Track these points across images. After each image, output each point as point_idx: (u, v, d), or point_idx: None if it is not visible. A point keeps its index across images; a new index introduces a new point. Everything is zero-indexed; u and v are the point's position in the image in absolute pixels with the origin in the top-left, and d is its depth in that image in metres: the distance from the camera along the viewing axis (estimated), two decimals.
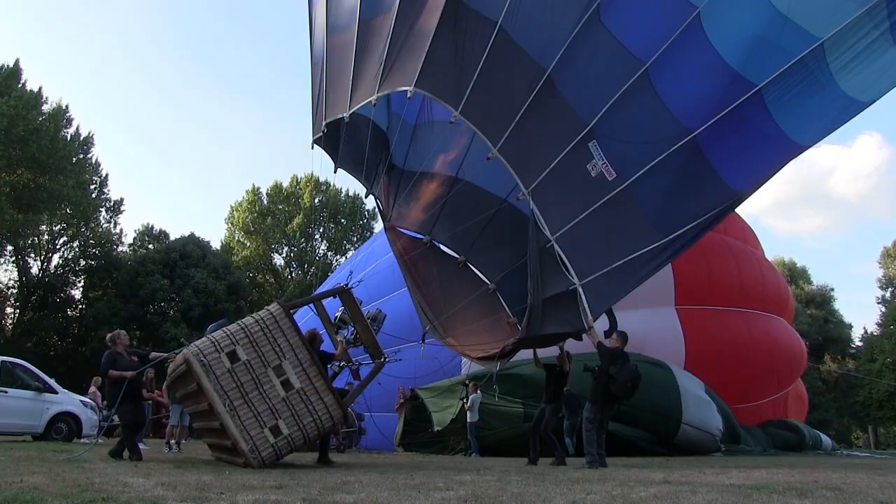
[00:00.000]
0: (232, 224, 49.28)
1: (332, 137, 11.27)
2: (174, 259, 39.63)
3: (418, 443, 16.49)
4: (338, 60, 10.98)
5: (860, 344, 48.16)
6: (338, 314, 10.59)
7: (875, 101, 9.52)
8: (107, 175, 41.93)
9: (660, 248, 9.52)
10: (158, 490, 4.98)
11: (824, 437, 22.41)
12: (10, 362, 17.40)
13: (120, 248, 43.96)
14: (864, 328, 62.29)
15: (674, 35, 8.96)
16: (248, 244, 48.44)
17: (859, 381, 41.60)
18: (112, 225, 43.17)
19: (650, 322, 16.91)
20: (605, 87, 9.22)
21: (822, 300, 51.22)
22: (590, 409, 10.06)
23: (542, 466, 10.07)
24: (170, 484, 5.37)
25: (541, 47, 9.21)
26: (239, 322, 8.39)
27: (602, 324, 10.25)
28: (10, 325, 40.37)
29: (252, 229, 48.33)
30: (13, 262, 39.88)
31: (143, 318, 37.31)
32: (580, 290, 9.41)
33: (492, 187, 11.94)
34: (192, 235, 42.68)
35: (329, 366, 9.83)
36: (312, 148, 11.45)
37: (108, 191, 42.32)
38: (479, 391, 15.20)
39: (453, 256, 12.95)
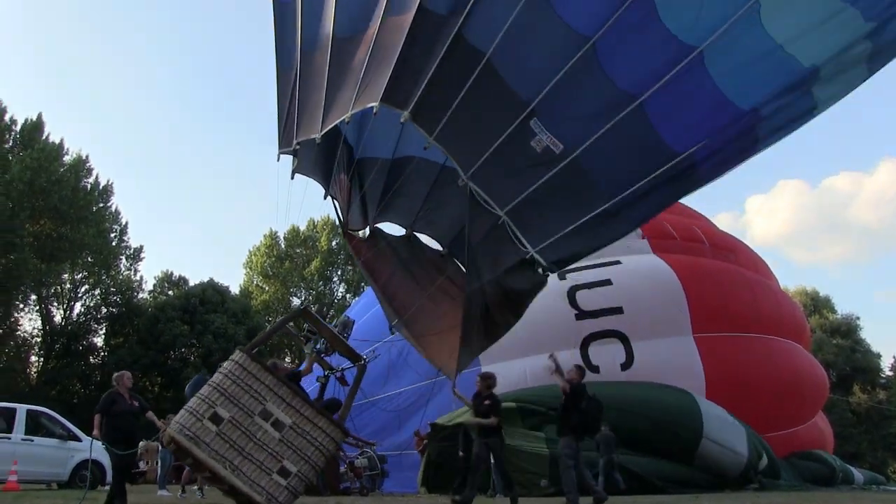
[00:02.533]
0: (250, 269, 49.60)
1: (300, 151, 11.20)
2: (194, 305, 39.87)
3: (442, 481, 16.34)
4: (310, 77, 10.73)
5: (891, 374, 47.22)
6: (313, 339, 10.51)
7: (818, 65, 9.45)
8: (126, 223, 42.52)
9: (610, 211, 9.41)
10: None
11: (855, 471, 21.86)
12: (35, 411, 17.55)
13: (140, 295, 44.33)
14: (894, 357, 61.28)
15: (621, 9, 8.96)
16: (267, 288, 48.68)
17: (892, 412, 40.67)
18: (132, 272, 43.67)
19: (667, 351, 16.79)
20: (547, 65, 9.19)
21: (847, 329, 50.21)
22: (567, 445, 10.35)
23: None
24: None
25: (482, 34, 9.14)
26: (209, 383, 8.19)
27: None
28: (35, 373, 40.65)
29: (270, 273, 48.61)
30: (37, 310, 40.30)
31: (165, 364, 37.45)
32: (536, 256, 9.33)
33: (434, 156, 11.88)
34: (210, 281, 43.00)
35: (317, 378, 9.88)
36: (278, 159, 11.07)
37: (128, 238, 42.86)
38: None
39: (406, 247, 12.49)
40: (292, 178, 10.97)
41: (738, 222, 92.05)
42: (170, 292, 45.46)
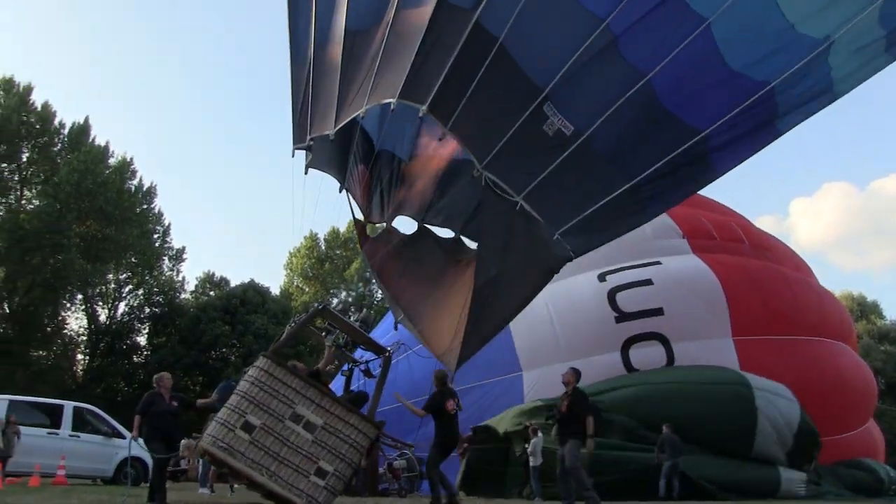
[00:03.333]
0: (291, 270, 50.02)
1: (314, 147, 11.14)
2: (235, 305, 40.33)
3: (480, 485, 16.31)
4: (324, 71, 10.68)
5: None
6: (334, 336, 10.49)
7: (828, 41, 9.24)
8: (169, 224, 43.18)
9: (629, 191, 9.31)
10: None
11: None
12: (81, 408, 17.92)
13: (182, 296, 44.95)
14: None
15: None
16: (307, 290, 49.06)
17: None
18: (175, 273, 44.31)
19: (707, 354, 16.56)
20: (560, 47, 9.04)
21: None
22: (576, 448, 10.29)
23: None
24: None
25: (496, 18, 9.03)
26: (237, 391, 8.22)
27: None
28: (81, 371, 41.51)
29: (310, 275, 48.98)
30: (83, 310, 41.15)
31: (206, 364, 37.95)
32: (559, 238, 9.22)
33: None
34: (251, 282, 43.46)
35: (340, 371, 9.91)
36: (293, 155, 11.03)
37: (171, 240, 43.49)
38: (540, 434, 15.00)
39: (415, 243, 12.28)
40: (306, 172, 10.87)
41: (781, 226, 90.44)
42: (211, 293, 46.05)
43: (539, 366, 16.50)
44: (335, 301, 48.76)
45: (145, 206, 40.72)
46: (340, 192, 11.57)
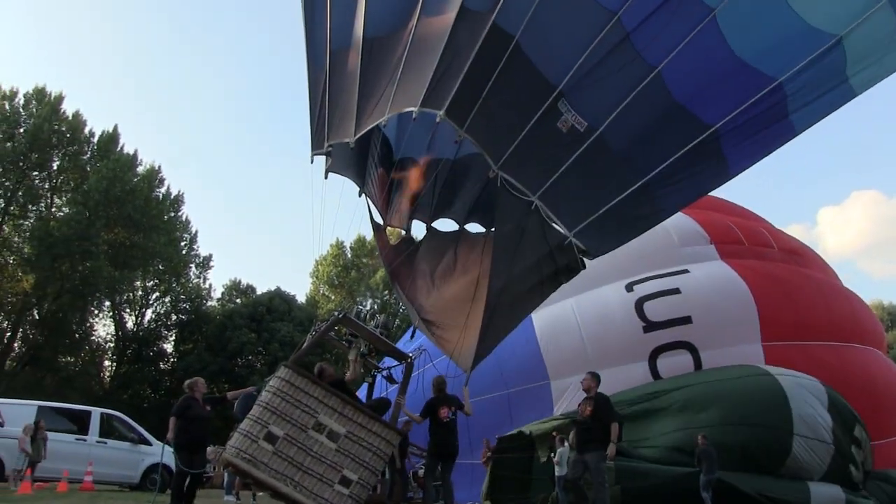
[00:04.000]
0: (317, 278, 50.16)
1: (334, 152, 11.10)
2: (261, 313, 40.51)
3: (507, 498, 16.12)
4: (342, 77, 10.66)
5: None
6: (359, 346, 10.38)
7: (842, 35, 9.01)
8: (196, 232, 43.55)
9: (642, 188, 9.38)
10: None
11: None
12: (108, 414, 18.05)
13: (209, 303, 45.28)
14: None
15: None
16: (333, 297, 49.15)
17: None
18: (201, 280, 44.69)
19: (734, 361, 16.30)
20: (573, 43, 8.98)
21: None
22: (601, 459, 9.87)
23: None
24: None
25: (511, 17, 8.93)
26: (259, 402, 8.19)
27: None
28: (108, 377, 41.89)
29: (336, 283, 49.07)
30: (111, 316, 41.59)
31: (232, 371, 38.12)
32: (573, 240, 9.30)
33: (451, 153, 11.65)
34: (278, 290, 43.64)
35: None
36: (312, 161, 11.04)
37: (198, 247, 43.89)
38: (566, 444, 14.81)
39: (427, 245, 12.33)
40: (326, 177, 10.90)
41: (809, 234, 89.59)
42: (237, 300, 46.31)
43: (567, 375, 16.36)
44: (362, 309, 48.73)
45: (172, 214, 41.06)
46: (360, 195, 11.57)
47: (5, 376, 33.30)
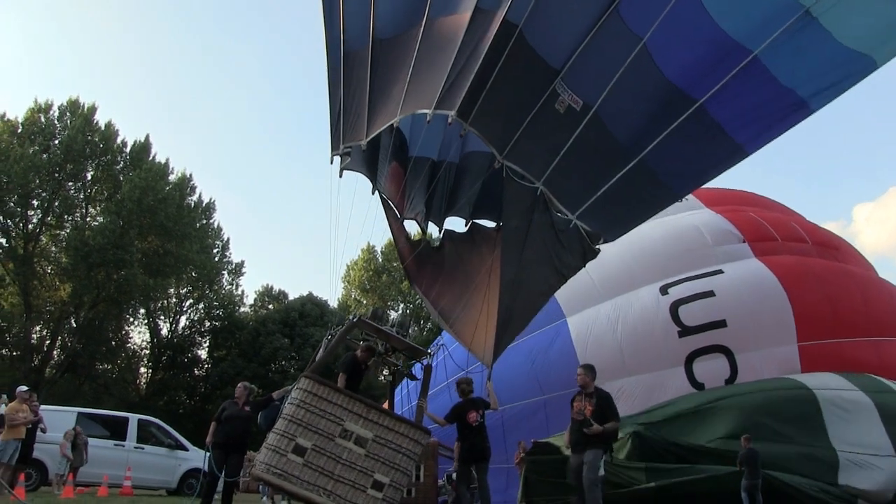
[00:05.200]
0: (348, 283, 50.41)
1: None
2: (293, 318, 40.80)
3: (542, 501, 16.07)
4: (355, 78, 10.69)
5: None
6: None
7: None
8: (228, 239, 44.00)
9: (640, 167, 9.33)
10: None
11: None
12: (145, 420, 18.32)
13: (242, 309, 45.76)
14: None
15: None
16: (365, 302, 49.34)
17: None
18: (234, 287, 45.23)
19: (770, 363, 16.12)
20: (572, 25, 9.01)
21: None
22: (598, 457, 9.10)
23: None
24: None
25: (517, 7, 8.96)
26: (283, 416, 8.12)
27: None
28: (144, 384, 42.49)
29: (368, 287, 49.26)
30: (146, 324, 42.23)
31: (266, 377, 38.43)
32: (578, 223, 9.30)
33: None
34: (310, 295, 43.94)
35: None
36: (332, 162, 11.06)
37: (230, 254, 44.37)
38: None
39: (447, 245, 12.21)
40: (340, 175, 10.91)
41: (845, 232, 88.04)
42: (270, 306, 46.70)
43: (604, 382, 16.31)
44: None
45: (204, 221, 41.58)
46: (373, 193, 11.52)
47: (45, 383, 33.93)
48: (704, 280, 16.88)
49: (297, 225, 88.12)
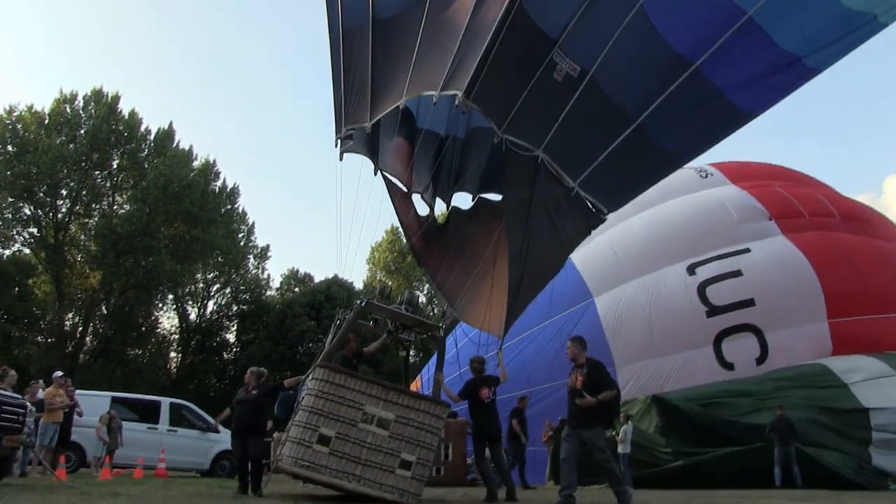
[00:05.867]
0: (373, 264, 50.55)
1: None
2: (320, 301, 41.06)
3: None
4: (356, 59, 10.69)
5: None
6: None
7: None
8: (253, 223, 44.30)
9: (637, 133, 9.35)
10: None
11: None
12: (177, 403, 18.63)
13: (268, 293, 46.15)
14: None
15: None
16: (390, 283, 49.48)
17: None
18: (260, 271, 45.61)
19: (801, 341, 16.08)
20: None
21: None
22: (601, 436, 8.50)
23: (703, 499, 9.63)
24: None
25: None
26: (303, 408, 8.11)
27: None
28: (174, 368, 43.10)
29: (393, 269, 49.38)
30: (174, 309, 42.75)
31: (293, 359, 38.79)
32: (579, 191, 9.35)
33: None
34: (335, 277, 44.18)
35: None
36: (336, 145, 11.05)
37: (255, 238, 44.69)
38: (630, 422, 14.83)
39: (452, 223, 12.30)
40: (341, 159, 10.99)
41: (875, 204, 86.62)
42: (296, 289, 47.01)
43: (632, 361, 16.41)
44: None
45: (229, 206, 41.85)
46: (375, 174, 11.56)
47: (79, 369, 34.53)
48: (732, 259, 16.83)
49: (322, 208, 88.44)
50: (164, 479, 14.88)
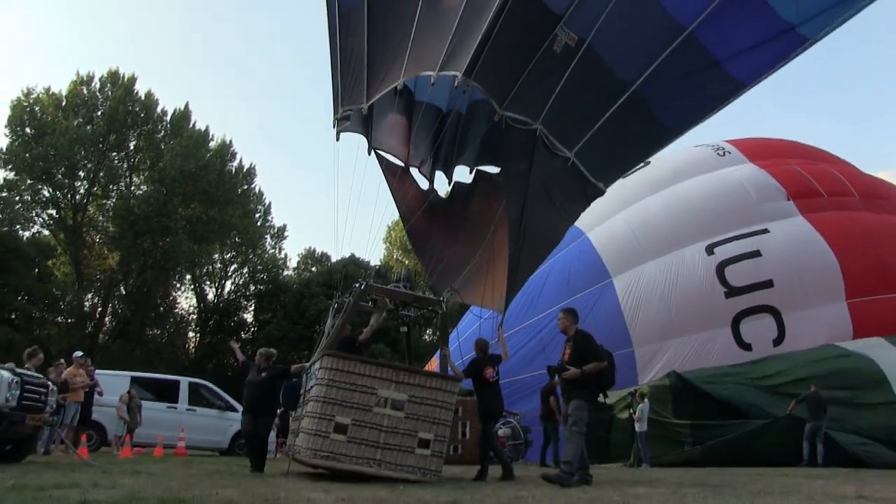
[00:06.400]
0: (390, 244, 50.60)
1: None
2: (337, 280, 41.16)
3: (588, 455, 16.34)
4: (351, 40, 10.60)
5: None
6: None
7: None
8: (269, 203, 44.38)
9: (633, 101, 9.37)
10: None
11: None
12: (196, 383, 18.79)
13: (285, 273, 46.31)
14: None
15: None
16: (407, 262, 49.50)
17: None
18: (277, 251, 45.77)
19: (819, 322, 16.03)
20: None
21: None
22: (583, 408, 8.13)
23: (718, 477, 9.64)
24: (349, 499, 5.55)
25: None
26: (316, 399, 8.03)
27: None
28: (193, 348, 43.47)
29: (409, 247, 49.38)
30: (192, 289, 43.07)
31: (311, 339, 38.95)
32: (575, 161, 9.38)
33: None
34: (352, 256, 44.26)
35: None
36: (335, 126, 11.04)
37: (272, 218, 44.78)
38: (646, 400, 14.85)
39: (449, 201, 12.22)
40: (337, 139, 10.99)
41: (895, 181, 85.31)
42: (313, 269, 47.16)
43: (651, 342, 16.45)
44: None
45: (245, 187, 41.95)
46: (369, 153, 11.51)
47: (99, 349, 34.92)
48: (750, 240, 16.79)
49: (339, 187, 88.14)
50: (184, 457, 15.06)
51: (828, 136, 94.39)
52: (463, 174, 12.16)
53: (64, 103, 36.52)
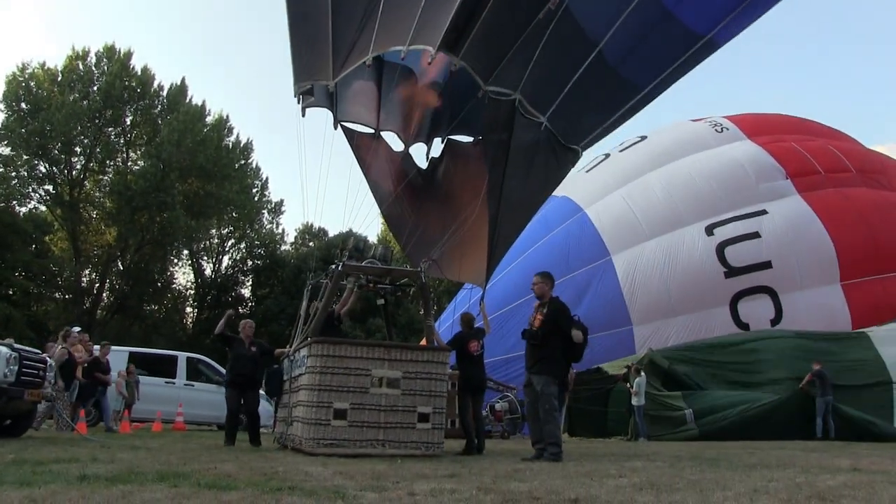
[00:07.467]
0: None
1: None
2: (335, 255, 41.13)
3: (582, 427, 16.48)
4: (312, 10, 10.34)
5: None
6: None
7: None
8: (267, 178, 44.31)
9: (599, 61, 9.40)
10: (337, 479, 5.16)
11: None
12: (194, 358, 18.83)
13: (283, 247, 46.30)
14: None
15: None
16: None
17: None
18: (274, 225, 45.70)
19: (814, 303, 16.20)
20: None
21: None
22: (550, 385, 7.82)
23: (715, 450, 9.69)
24: (347, 473, 5.57)
25: None
26: (310, 388, 7.94)
27: None
28: (191, 323, 43.53)
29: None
30: (189, 264, 43.05)
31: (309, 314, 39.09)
32: (547, 125, 9.44)
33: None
34: (350, 231, 44.14)
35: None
36: (297, 98, 10.83)
37: (269, 193, 44.71)
38: (643, 374, 14.93)
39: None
40: (303, 115, 10.86)
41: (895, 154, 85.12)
42: (311, 244, 47.13)
43: (650, 321, 16.58)
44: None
45: (243, 162, 41.83)
46: (335, 128, 11.29)
47: (97, 325, 34.94)
48: (749, 220, 16.92)
49: (336, 162, 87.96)
50: (182, 432, 15.13)
51: (828, 109, 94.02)
52: (436, 146, 12.02)
53: (60, 78, 36.28)
